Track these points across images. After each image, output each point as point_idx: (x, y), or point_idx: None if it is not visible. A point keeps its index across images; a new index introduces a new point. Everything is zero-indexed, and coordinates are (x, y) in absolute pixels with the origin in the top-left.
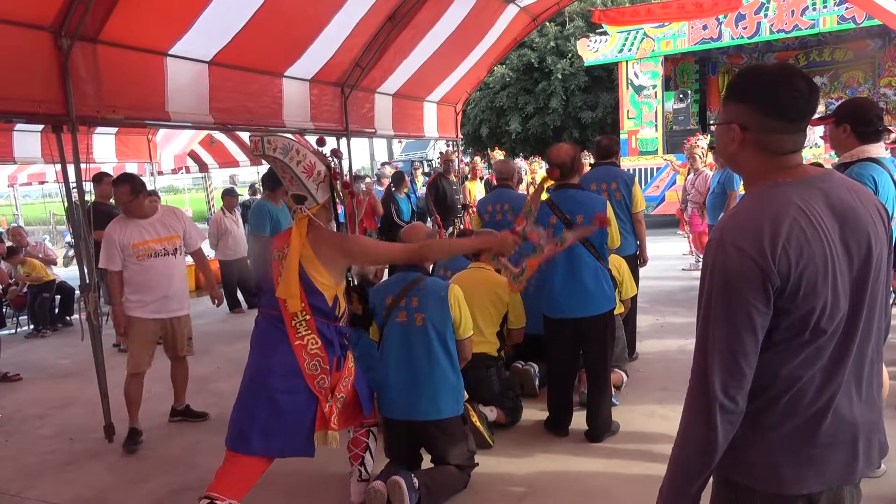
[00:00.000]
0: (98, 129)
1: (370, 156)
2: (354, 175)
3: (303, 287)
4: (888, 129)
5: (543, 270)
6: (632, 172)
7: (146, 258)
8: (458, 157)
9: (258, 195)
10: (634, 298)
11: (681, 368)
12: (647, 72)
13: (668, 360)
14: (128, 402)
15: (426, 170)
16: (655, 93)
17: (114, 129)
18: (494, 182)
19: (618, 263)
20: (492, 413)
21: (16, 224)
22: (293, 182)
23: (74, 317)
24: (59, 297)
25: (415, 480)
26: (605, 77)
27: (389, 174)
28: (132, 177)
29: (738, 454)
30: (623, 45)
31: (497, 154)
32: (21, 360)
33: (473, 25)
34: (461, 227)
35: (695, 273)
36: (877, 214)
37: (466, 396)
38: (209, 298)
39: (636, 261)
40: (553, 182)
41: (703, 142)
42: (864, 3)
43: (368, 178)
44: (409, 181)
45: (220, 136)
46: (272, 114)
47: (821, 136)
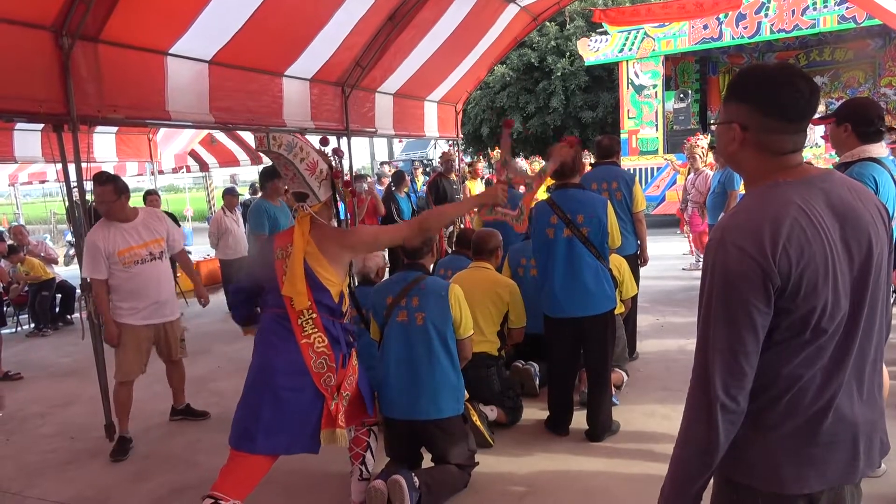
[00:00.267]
0: (98, 129)
1: (371, 155)
2: (356, 175)
3: (308, 284)
4: (892, 128)
5: (544, 270)
6: (632, 172)
7: (133, 265)
8: (459, 157)
9: (258, 194)
10: (635, 298)
11: (681, 368)
12: (648, 71)
13: (669, 360)
14: (118, 410)
15: (426, 169)
16: (656, 92)
17: (114, 129)
18: (495, 182)
19: (618, 263)
20: (492, 412)
21: (17, 223)
22: (295, 179)
23: (75, 315)
24: (60, 296)
25: (415, 479)
26: (606, 77)
27: (389, 173)
28: (115, 177)
29: (739, 454)
30: (623, 45)
31: (497, 154)
32: (22, 359)
33: (474, 25)
34: (461, 227)
35: (695, 273)
36: (877, 214)
37: (467, 396)
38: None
39: (637, 260)
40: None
41: (704, 141)
42: (865, 3)
43: (370, 178)
44: (410, 180)
45: (221, 136)
46: (273, 113)
47: (821, 136)
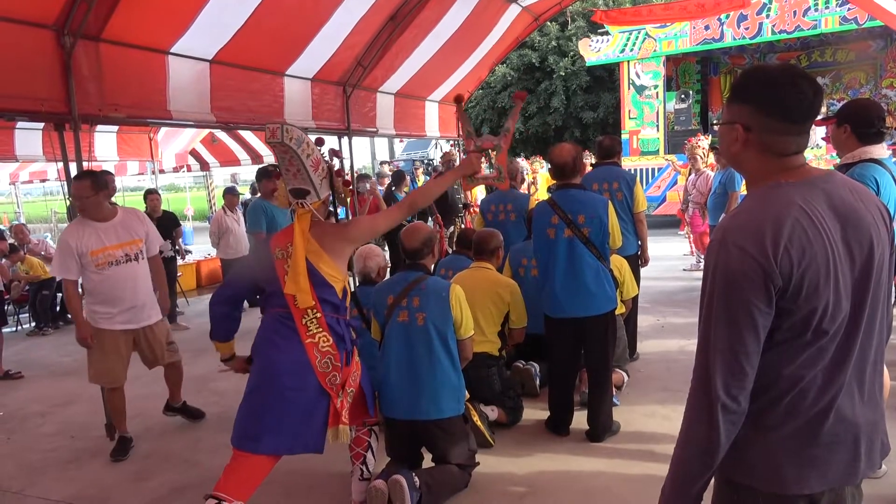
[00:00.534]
0: (99, 128)
1: (371, 155)
2: (359, 175)
3: (312, 282)
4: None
5: (545, 270)
6: (633, 172)
7: (106, 266)
8: (460, 157)
9: (258, 194)
10: (635, 298)
11: (682, 369)
12: (649, 72)
13: (669, 361)
14: (113, 414)
15: (427, 169)
16: (657, 93)
17: (115, 128)
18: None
19: (619, 264)
20: (493, 412)
21: (18, 222)
22: (298, 175)
23: None
24: (61, 295)
25: (416, 479)
26: (607, 77)
27: (389, 173)
28: (94, 173)
29: (740, 454)
30: (625, 46)
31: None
32: (23, 358)
33: (475, 25)
34: (462, 227)
35: (696, 274)
36: (879, 215)
37: (467, 396)
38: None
39: (637, 261)
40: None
41: (705, 142)
42: (866, 4)
43: (372, 179)
44: (410, 180)
45: (222, 135)
46: (274, 112)
47: (822, 138)
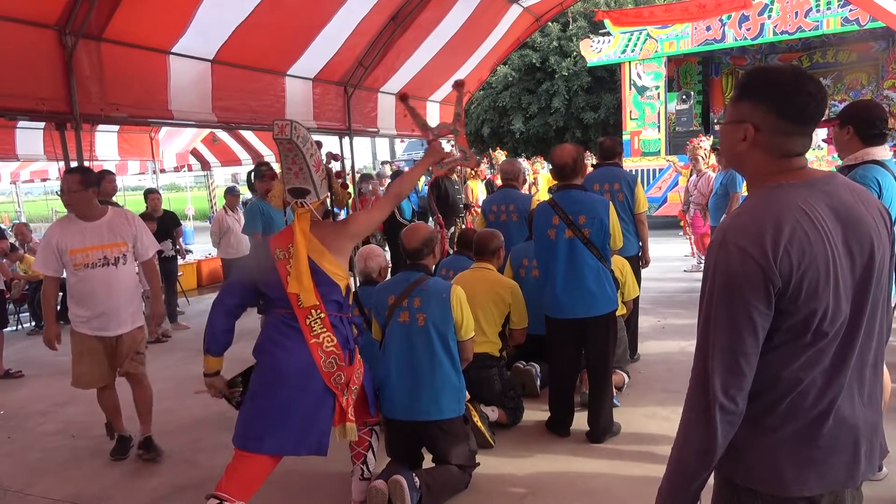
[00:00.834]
0: (100, 127)
1: (372, 155)
2: (361, 175)
3: (315, 281)
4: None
5: (546, 271)
6: (634, 173)
7: (82, 268)
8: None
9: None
10: (636, 299)
11: (682, 370)
12: (650, 72)
13: (670, 362)
14: (107, 415)
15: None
16: (658, 94)
17: (116, 127)
18: (497, 182)
19: (621, 265)
20: (493, 413)
21: (19, 221)
22: (300, 174)
23: None
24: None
25: (416, 479)
26: (608, 78)
27: (389, 173)
28: (86, 169)
29: (740, 456)
30: (626, 46)
31: (499, 154)
32: (23, 357)
33: (476, 25)
34: (463, 227)
35: (696, 275)
36: (879, 218)
37: (468, 396)
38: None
39: (638, 262)
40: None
41: (706, 143)
42: (868, 5)
43: (374, 180)
44: None
45: (223, 135)
46: (275, 112)
47: (824, 139)
